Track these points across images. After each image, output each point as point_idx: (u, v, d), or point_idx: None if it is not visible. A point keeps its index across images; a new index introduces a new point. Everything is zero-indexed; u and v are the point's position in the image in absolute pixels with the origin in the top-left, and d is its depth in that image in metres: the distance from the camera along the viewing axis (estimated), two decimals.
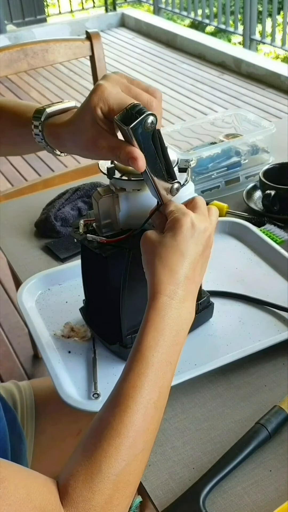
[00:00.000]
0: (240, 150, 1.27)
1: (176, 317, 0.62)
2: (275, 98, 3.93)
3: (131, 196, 0.73)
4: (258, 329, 0.88)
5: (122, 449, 0.55)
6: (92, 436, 0.56)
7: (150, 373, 0.59)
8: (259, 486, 0.69)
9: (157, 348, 0.60)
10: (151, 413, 0.58)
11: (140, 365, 0.59)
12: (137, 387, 0.58)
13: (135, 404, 0.57)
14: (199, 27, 5.61)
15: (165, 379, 0.60)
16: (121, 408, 0.56)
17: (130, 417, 0.56)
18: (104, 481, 0.53)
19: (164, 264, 0.63)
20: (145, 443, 0.57)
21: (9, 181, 3.17)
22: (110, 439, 0.55)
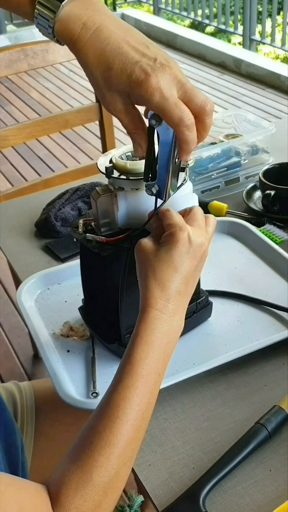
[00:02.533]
0: (240, 150, 1.27)
1: (166, 330, 0.63)
2: (275, 98, 3.93)
3: (129, 195, 0.73)
4: (256, 328, 0.88)
5: (112, 458, 0.57)
6: (82, 445, 0.58)
7: (139, 385, 0.61)
8: (259, 486, 0.69)
9: (146, 361, 0.62)
10: (139, 423, 0.60)
11: (130, 378, 0.61)
12: (127, 399, 0.60)
13: (125, 415, 0.59)
14: (199, 28, 5.61)
15: (153, 389, 0.63)
16: (111, 419, 0.58)
17: (120, 428, 0.58)
18: (95, 489, 0.56)
19: (157, 278, 0.64)
20: (133, 450, 0.60)
21: (9, 181, 3.17)
22: (100, 449, 0.57)
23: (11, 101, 4.13)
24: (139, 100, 0.59)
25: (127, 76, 0.58)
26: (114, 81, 0.59)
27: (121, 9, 5.79)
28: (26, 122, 1.71)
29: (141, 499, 0.76)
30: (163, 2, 5.55)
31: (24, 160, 3.35)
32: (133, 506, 0.75)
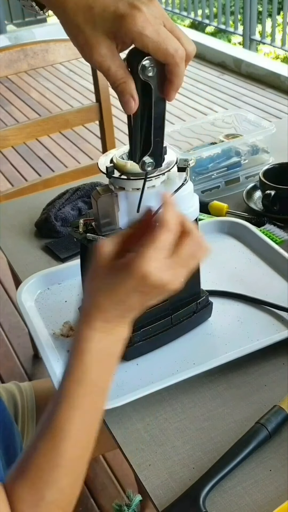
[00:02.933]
0: (240, 150, 1.27)
1: (104, 347, 0.60)
2: (275, 98, 3.93)
3: (130, 195, 0.73)
4: (257, 328, 0.88)
5: (61, 478, 0.58)
6: (30, 464, 0.58)
7: (81, 405, 0.59)
8: (259, 486, 0.69)
9: (86, 381, 0.59)
10: (86, 440, 0.60)
11: (70, 398, 0.59)
12: (70, 420, 0.58)
13: (70, 436, 0.58)
14: (199, 27, 5.60)
15: (97, 406, 0.61)
16: (56, 440, 0.58)
17: (65, 449, 0.58)
18: (49, 506, 0.57)
19: (98, 300, 0.59)
20: (82, 465, 0.60)
21: (9, 181, 3.17)
22: (49, 471, 0.57)
23: (11, 101, 4.13)
24: (128, 35, 0.54)
25: (112, 13, 0.54)
26: (97, 21, 0.54)
27: None
28: (26, 122, 1.71)
29: (139, 498, 0.76)
30: (163, 2, 5.54)
31: (24, 160, 3.35)
32: (131, 505, 0.75)
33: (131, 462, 0.72)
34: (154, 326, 0.83)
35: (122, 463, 1.58)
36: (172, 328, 0.85)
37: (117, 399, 0.77)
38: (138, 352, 0.84)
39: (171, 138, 1.31)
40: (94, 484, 1.59)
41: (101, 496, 1.57)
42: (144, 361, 0.84)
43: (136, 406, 0.78)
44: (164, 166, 0.73)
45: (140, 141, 0.63)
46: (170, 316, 0.84)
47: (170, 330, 0.85)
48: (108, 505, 1.54)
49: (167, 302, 0.84)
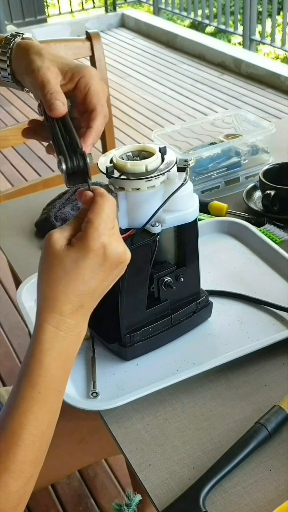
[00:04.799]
0: (240, 150, 1.27)
1: (64, 347, 0.58)
2: (275, 98, 3.93)
3: (130, 195, 0.73)
4: (256, 328, 0.88)
5: (11, 482, 0.55)
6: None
7: (36, 409, 0.57)
8: (259, 486, 0.69)
9: (43, 384, 0.57)
10: (38, 444, 0.58)
11: (25, 402, 0.56)
12: (23, 424, 0.56)
13: (22, 440, 0.56)
14: (199, 28, 5.61)
15: (53, 408, 0.59)
16: (7, 445, 0.56)
17: (16, 453, 0.56)
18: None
19: (58, 289, 0.57)
20: (34, 468, 0.58)
21: (9, 181, 3.17)
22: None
23: (11, 101, 4.13)
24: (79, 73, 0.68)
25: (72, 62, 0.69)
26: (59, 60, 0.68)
27: (121, 9, 5.79)
28: (26, 122, 1.70)
29: (139, 498, 0.76)
30: (163, 2, 5.54)
31: (24, 160, 3.35)
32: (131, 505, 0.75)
33: (131, 462, 0.72)
34: (154, 326, 0.83)
35: (122, 463, 1.58)
36: (172, 328, 0.85)
37: (117, 399, 0.77)
38: (138, 352, 0.84)
39: (171, 138, 1.31)
40: (94, 484, 1.59)
41: (101, 496, 1.57)
42: (144, 361, 0.84)
43: (136, 406, 0.78)
44: (164, 166, 0.73)
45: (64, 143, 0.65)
46: (170, 316, 0.84)
47: (170, 330, 0.85)
48: (108, 505, 1.54)
49: (167, 302, 0.84)
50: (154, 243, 0.77)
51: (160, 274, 0.81)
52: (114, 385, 0.81)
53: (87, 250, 0.56)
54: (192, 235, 0.82)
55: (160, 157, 0.73)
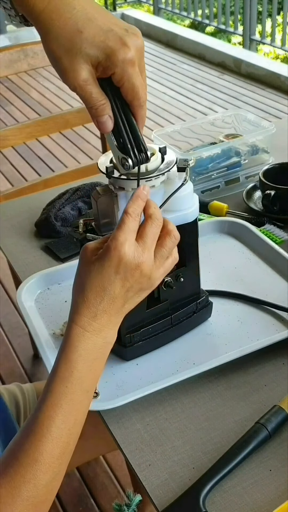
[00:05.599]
0: (240, 150, 1.27)
1: (90, 347, 0.62)
2: (275, 98, 3.93)
3: (130, 195, 0.73)
4: (256, 328, 0.88)
5: (39, 475, 0.58)
6: (10, 460, 0.59)
7: (64, 403, 0.60)
8: (259, 486, 0.69)
9: (70, 379, 0.61)
10: (66, 440, 0.60)
11: (54, 396, 0.60)
12: (52, 418, 0.59)
13: (50, 433, 0.59)
14: (199, 28, 5.61)
15: (81, 406, 0.62)
16: (36, 437, 0.59)
17: (44, 445, 0.58)
18: (24, 503, 0.57)
19: (84, 295, 0.62)
20: (61, 465, 0.60)
21: (9, 181, 3.17)
22: (27, 466, 0.58)
23: (11, 101, 4.13)
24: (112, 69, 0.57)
25: (101, 42, 0.55)
26: (85, 45, 0.55)
27: (121, 9, 5.79)
28: (26, 122, 1.71)
29: (139, 498, 0.76)
30: (163, 2, 5.54)
31: (24, 160, 3.35)
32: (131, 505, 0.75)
33: (131, 462, 0.72)
34: (154, 326, 0.83)
35: (122, 463, 1.58)
36: (172, 328, 0.85)
37: (117, 399, 0.77)
38: (138, 352, 0.84)
39: (171, 138, 1.31)
40: (94, 484, 1.59)
41: (101, 496, 1.57)
42: (144, 361, 0.84)
43: (136, 406, 0.78)
44: (164, 166, 0.73)
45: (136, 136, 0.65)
46: (170, 316, 0.84)
47: (170, 330, 0.85)
48: (108, 505, 1.54)
49: (167, 302, 0.84)
50: None
51: None
52: (114, 385, 0.81)
53: (107, 259, 0.62)
54: (192, 235, 0.82)
55: (160, 157, 0.73)
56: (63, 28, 0.55)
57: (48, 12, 0.55)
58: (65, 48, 0.55)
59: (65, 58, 0.56)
